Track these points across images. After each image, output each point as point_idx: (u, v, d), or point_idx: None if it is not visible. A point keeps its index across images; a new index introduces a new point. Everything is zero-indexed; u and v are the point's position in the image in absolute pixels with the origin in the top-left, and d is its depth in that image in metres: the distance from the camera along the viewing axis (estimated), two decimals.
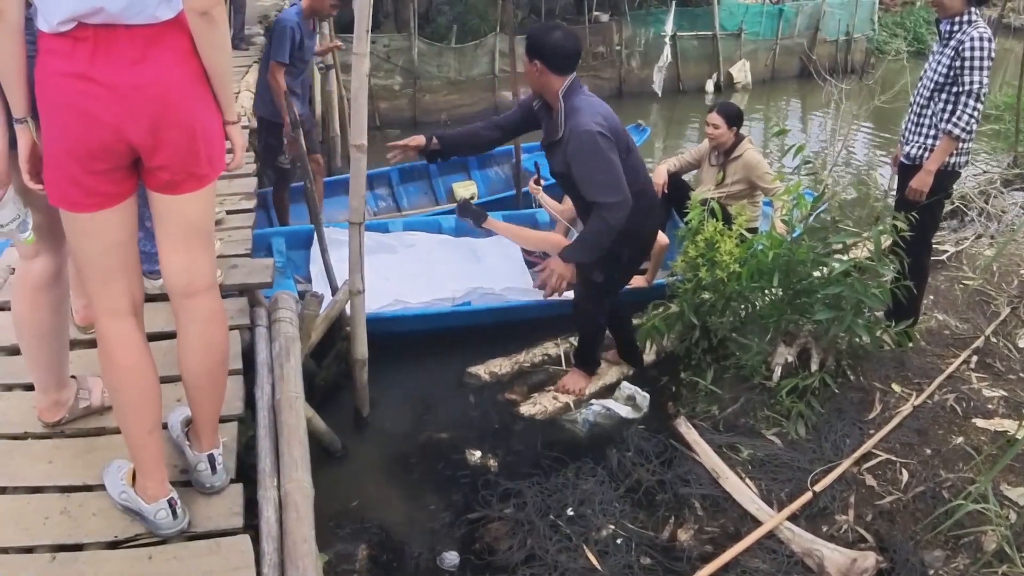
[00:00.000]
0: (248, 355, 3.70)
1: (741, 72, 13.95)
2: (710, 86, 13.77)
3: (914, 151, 4.87)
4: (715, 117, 6.01)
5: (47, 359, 2.94)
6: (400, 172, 7.93)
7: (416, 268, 5.88)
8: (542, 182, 5.97)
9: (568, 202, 5.90)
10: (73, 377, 3.10)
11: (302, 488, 2.94)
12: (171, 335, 3.36)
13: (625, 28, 13.14)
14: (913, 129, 4.89)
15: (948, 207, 8.25)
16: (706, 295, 5.00)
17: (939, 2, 4.62)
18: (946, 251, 6.90)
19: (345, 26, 7.70)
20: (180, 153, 2.39)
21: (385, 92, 10.79)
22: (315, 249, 5.69)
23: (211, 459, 2.80)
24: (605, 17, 13.34)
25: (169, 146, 2.35)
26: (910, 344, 5.07)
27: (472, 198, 7.91)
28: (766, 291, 4.93)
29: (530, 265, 6.14)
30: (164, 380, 2.70)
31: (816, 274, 4.74)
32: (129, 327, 2.56)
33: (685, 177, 6.58)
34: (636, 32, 13.16)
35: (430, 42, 11.19)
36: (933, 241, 5.45)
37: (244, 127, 5.64)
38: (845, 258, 4.96)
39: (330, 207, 7.20)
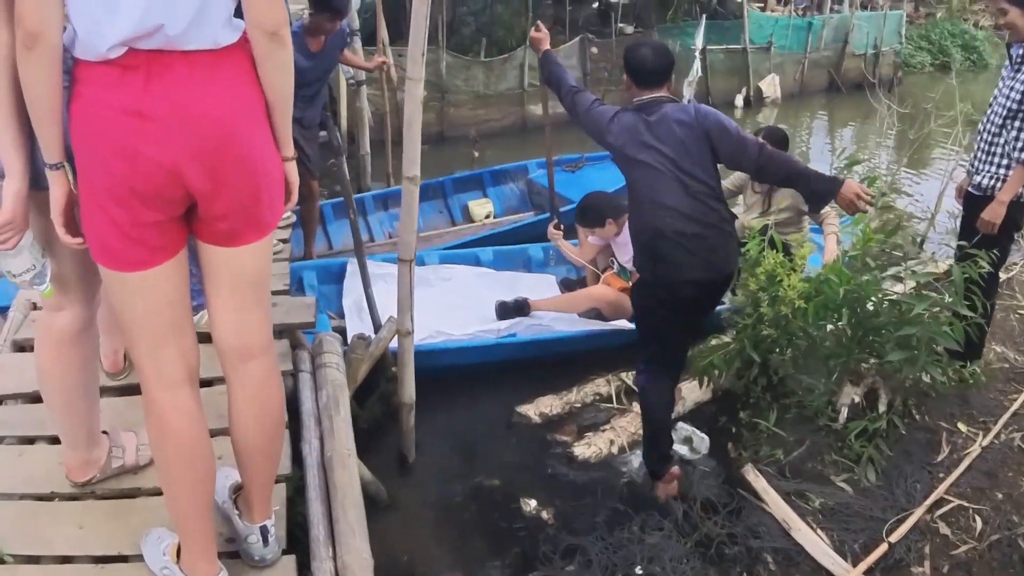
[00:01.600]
0: (291, 403, 3.43)
1: (770, 86, 13.67)
2: (739, 100, 13.50)
3: (985, 181, 4.61)
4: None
5: (75, 416, 2.66)
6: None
7: (454, 302, 5.65)
8: (561, 228, 5.80)
9: (587, 244, 5.82)
10: (104, 432, 2.82)
11: (361, 559, 2.71)
12: (212, 382, 3.11)
13: (652, 40, 12.81)
14: (983, 158, 4.63)
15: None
16: (767, 330, 4.70)
17: (1012, 24, 4.39)
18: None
19: (366, 39, 7.47)
20: (243, 198, 2.13)
21: None
22: (348, 283, 5.48)
23: (263, 531, 2.54)
24: (630, 29, 13.08)
25: (231, 190, 2.09)
26: (971, 380, 4.84)
27: (488, 216, 7.72)
28: (832, 328, 4.64)
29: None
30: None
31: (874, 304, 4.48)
32: (185, 397, 2.30)
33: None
34: (664, 44, 12.83)
35: (458, 56, 10.91)
36: None
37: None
38: (906, 289, 4.67)
39: (345, 226, 6.92)
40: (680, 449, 4.55)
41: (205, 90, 1.99)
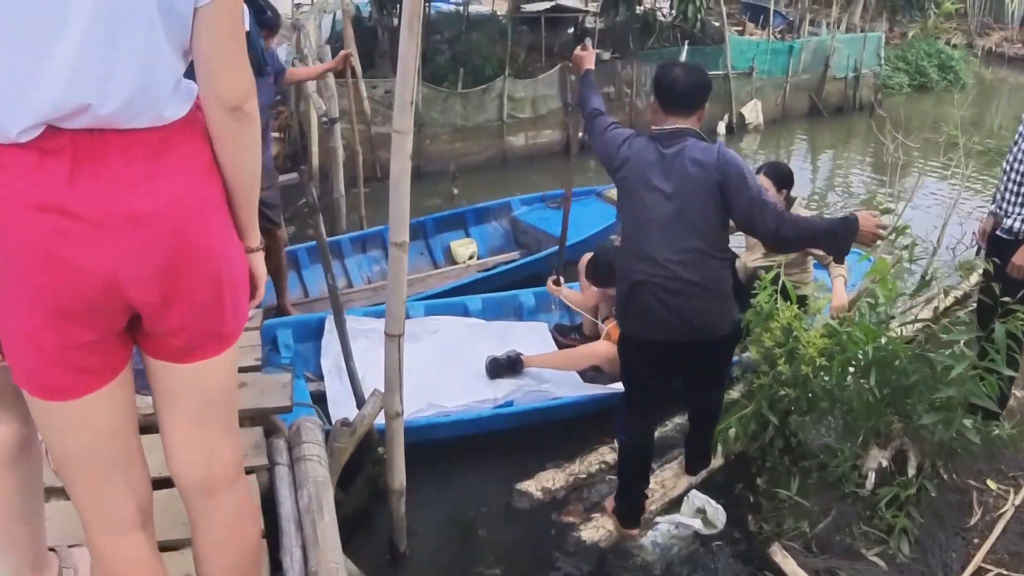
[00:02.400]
0: (266, 502, 3.02)
1: (752, 112, 13.37)
2: (722, 128, 13.18)
3: (1017, 224, 4.34)
4: (762, 179, 5.40)
5: (15, 546, 2.20)
6: None
7: (444, 358, 5.26)
8: (561, 281, 5.51)
9: (589, 291, 5.49)
10: (52, 550, 2.38)
11: None
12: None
13: (630, 67, 12.53)
14: (1013, 200, 4.37)
15: None
16: (784, 390, 4.35)
17: None
18: None
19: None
20: (200, 308, 1.74)
21: (386, 140, 9.89)
22: (327, 341, 5.08)
23: None
24: (607, 55, 12.72)
25: (185, 300, 1.70)
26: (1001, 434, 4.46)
27: (472, 256, 7.31)
28: (856, 388, 4.29)
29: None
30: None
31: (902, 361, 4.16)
32: (136, 544, 1.89)
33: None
34: (643, 72, 12.55)
35: (435, 87, 10.46)
36: None
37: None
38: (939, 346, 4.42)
39: (320, 272, 6.36)
40: (693, 522, 4.19)
41: (149, 179, 1.60)
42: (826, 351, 4.22)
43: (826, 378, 4.23)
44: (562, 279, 5.51)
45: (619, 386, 4.88)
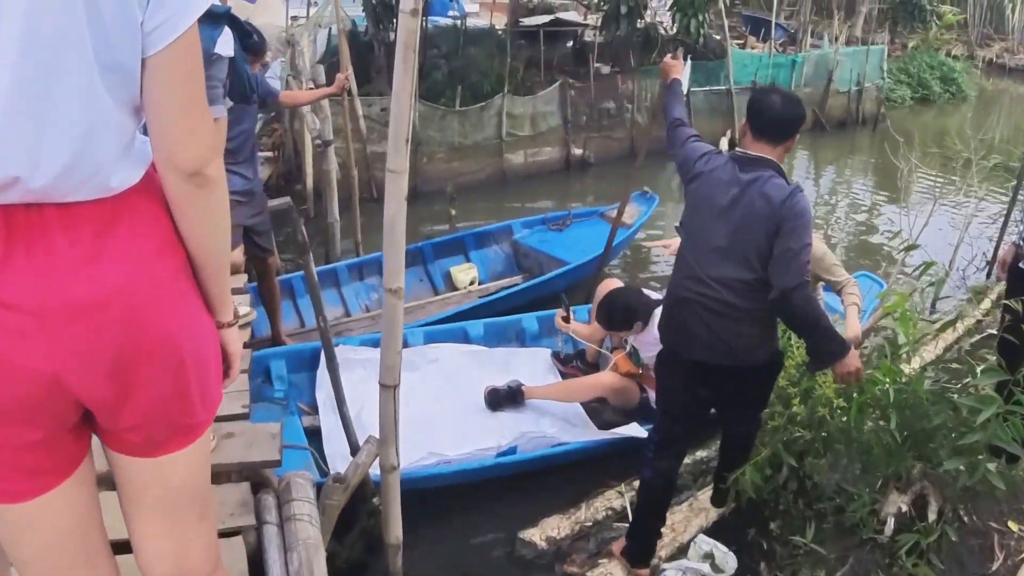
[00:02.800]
0: (253, 565, 2.81)
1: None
2: (724, 144, 12.93)
3: None
4: None
5: None
6: None
7: (444, 388, 5.08)
8: (571, 316, 5.29)
9: (596, 325, 5.26)
10: None
11: None
12: None
13: (631, 82, 12.36)
14: None
15: None
16: (800, 431, 4.18)
17: None
18: None
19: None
20: (162, 402, 1.53)
21: (382, 159, 9.67)
22: (322, 373, 4.86)
23: None
24: (606, 69, 12.55)
25: (143, 395, 1.49)
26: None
27: (473, 282, 7.09)
28: (876, 430, 4.08)
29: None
30: None
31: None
32: None
33: None
34: (644, 87, 12.38)
35: (432, 105, 10.25)
36: None
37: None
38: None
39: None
40: (701, 567, 3.98)
41: (95, 260, 1.39)
42: (843, 391, 4.04)
43: (843, 419, 4.05)
44: (572, 313, 5.30)
45: (626, 429, 4.74)
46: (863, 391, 4.00)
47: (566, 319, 5.25)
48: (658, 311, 4.73)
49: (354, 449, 3.70)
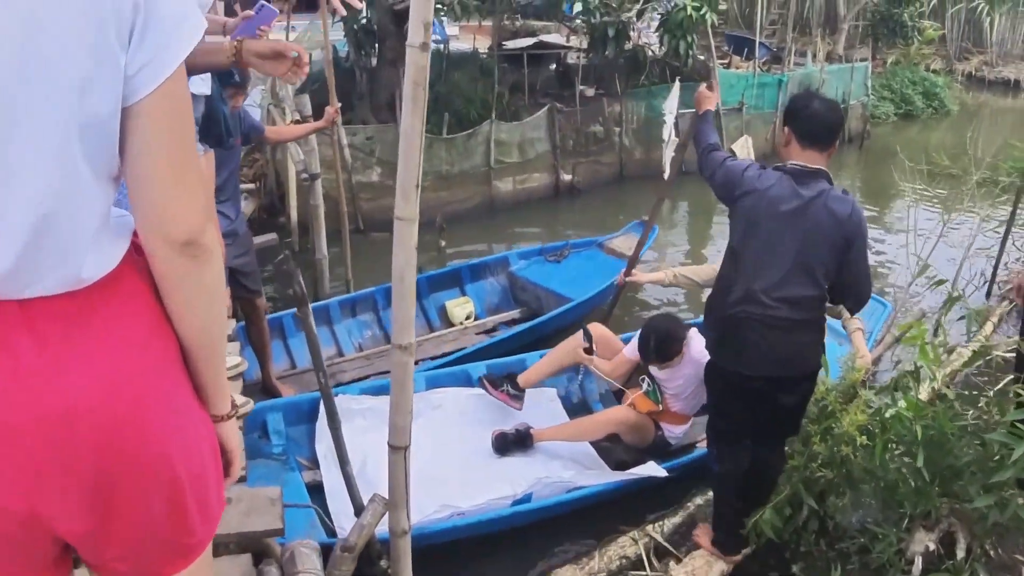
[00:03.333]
0: None
1: (744, 148, 12.99)
2: None
3: None
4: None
5: None
6: (385, 293, 6.73)
7: (450, 435, 4.87)
8: (594, 350, 5.06)
9: (623, 359, 5.13)
10: None
11: None
12: None
13: (618, 105, 12.23)
14: None
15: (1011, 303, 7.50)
16: (821, 471, 4.02)
17: None
18: None
19: (316, 113, 6.64)
20: (152, 526, 1.32)
21: (368, 189, 9.59)
22: (321, 425, 4.64)
23: None
24: (591, 92, 12.41)
25: (130, 521, 1.29)
26: None
27: (469, 317, 6.87)
28: (901, 468, 3.92)
29: None
30: None
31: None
32: None
33: None
34: (631, 109, 12.25)
35: None
36: None
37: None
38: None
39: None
40: None
41: (66, 365, 1.17)
42: (866, 428, 3.89)
43: (867, 456, 3.88)
44: (595, 348, 5.07)
45: (643, 469, 4.58)
46: (886, 428, 3.85)
47: (588, 351, 5.04)
48: (693, 338, 4.76)
49: (358, 509, 3.48)
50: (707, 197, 11.53)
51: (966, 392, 4.65)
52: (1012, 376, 4.47)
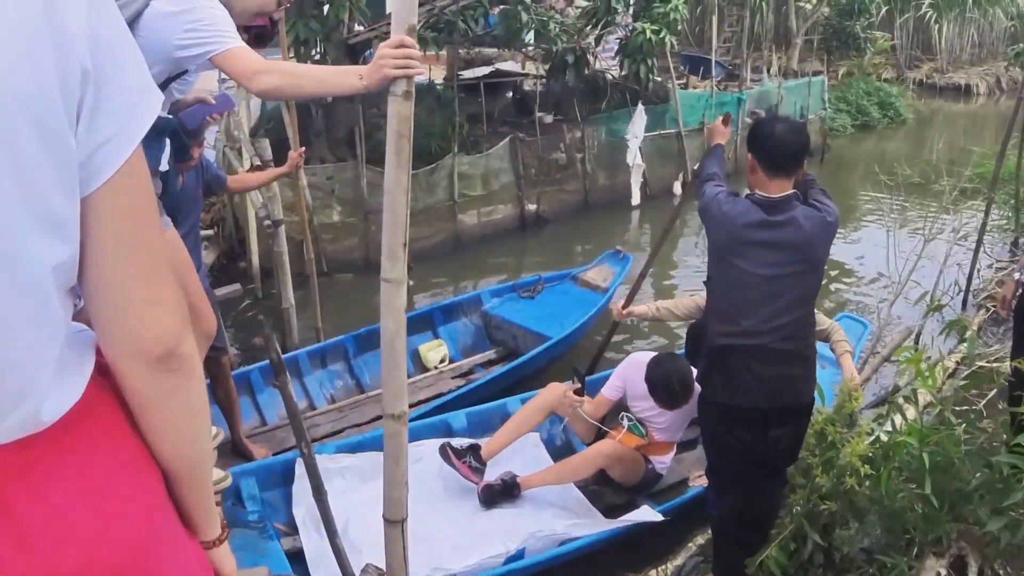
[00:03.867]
0: None
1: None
2: (678, 187, 12.80)
3: None
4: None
5: None
6: (356, 340, 6.51)
7: (433, 490, 4.66)
8: (584, 392, 4.92)
9: (602, 400, 4.99)
10: None
11: None
12: None
13: (579, 131, 12.11)
14: None
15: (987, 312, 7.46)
16: (825, 504, 3.83)
17: None
18: None
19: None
20: None
21: (330, 230, 9.43)
22: (298, 488, 4.44)
23: None
24: (549, 118, 12.26)
25: None
26: None
27: (443, 360, 6.66)
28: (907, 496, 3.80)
29: None
30: None
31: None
32: None
33: None
34: (592, 135, 12.16)
35: (378, 170, 9.80)
36: None
37: None
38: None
39: (276, 394, 5.82)
40: None
41: (26, 541, 0.96)
42: (869, 458, 3.75)
43: (871, 486, 3.78)
44: (584, 389, 4.91)
45: (639, 515, 4.42)
46: (889, 459, 3.76)
47: (579, 393, 4.85)
48: None
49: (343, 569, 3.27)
50: (660, 224, 11.52)
51: (956, 408, 4.50)
52: (1009, 396, 4.35)
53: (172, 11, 2.54)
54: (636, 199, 12.05)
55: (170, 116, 2.90)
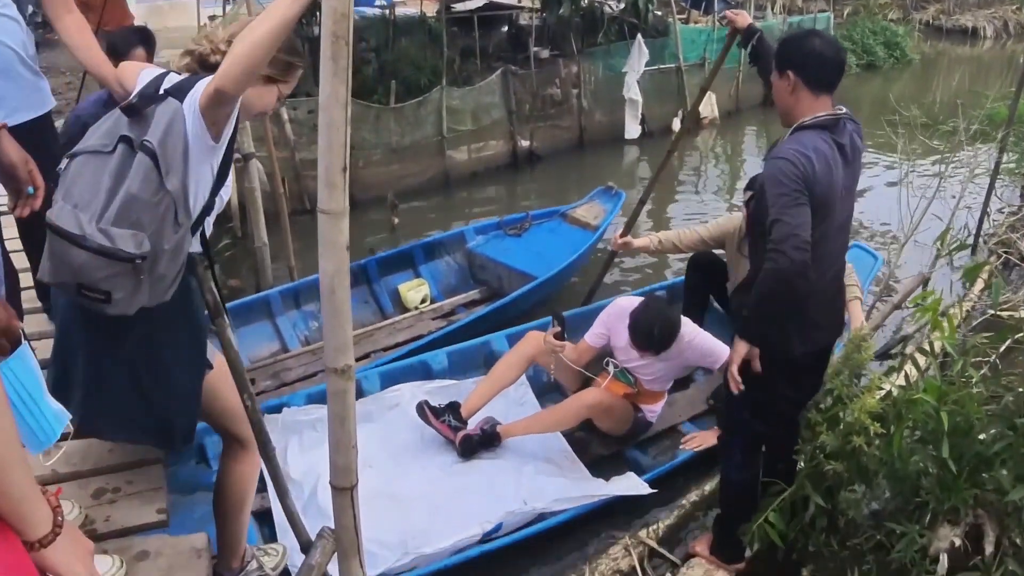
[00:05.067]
0: None
1: (707, 106, 12.57)
2: (676, 124, 12.38)
3: None
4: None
5: None
6: None
7: (407, 442, 4.38)
8: (565, 337, 4.58)
9: (585, 347, 4.68)
10: None
11: None
12: None
13: (575, 66, 11.69)
14: None
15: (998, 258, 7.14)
16: (830, 464, 3.56)
17: None
18: None
19: None
20: None
21: (313, 166, 8.81)
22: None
23: None
24: (545, 53, 11.85)
25: None
26: None
27: (424, 301, 6.36)
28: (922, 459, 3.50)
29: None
30: None
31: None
32: None
33: None
34: (588, 70, 11.75)
35: (365, 103, 9.41)
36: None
37: None
38: None
39: (246, 336, 5.65)
40: None
41: None
42: (880, 415, 3.46)
43: (882, 447, 3.50)
44: (565, 334, 4.59)
45: (624, 485, 4.15)
46: (902, 417, 3.45)
47: (560, 337, 4.54)
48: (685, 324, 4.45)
49: (304, 546, 2.95)
50: (656, 160, 11.20)
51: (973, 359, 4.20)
52: None
53: None
54: (632, 133, 11.75)
55: None
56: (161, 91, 2.31)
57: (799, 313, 3.18)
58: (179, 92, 2.31)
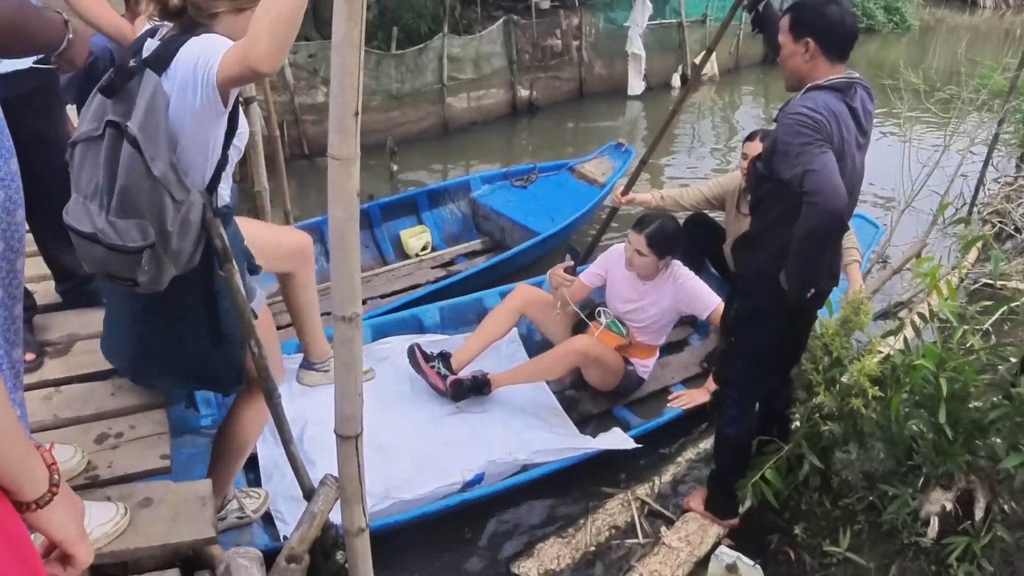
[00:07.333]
0: None
1: (707, 63, 12.49)
2: (676, 80, 12.34)
3: None
4: (754, 146, 4.61)
5: None
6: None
7: (397, 393, 4.39)
8: (575, 273, 4.59)
9: (578, 283, 4.66)
10: None
11: None
12: None
13: (576, 17, 11.60)
14: None
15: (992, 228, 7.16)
16: (826, 425, 3.62)
17: None
18: None
19: None
20: None
21: (312, 111, 8.93)
22: None
23: None
24: (546, 4, 11.74)
25: None
26: None
27: (425, 248, 6.35)
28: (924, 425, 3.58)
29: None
30: None
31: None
32: None
33: None
34: (590, 22, 11.66)
35: (366, 49, 9.28)
36: None
37: None
38: None
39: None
40: None
41: None
42: (878, 378, 3.49)
43: (883, 415, 3.54)
44: (575, 269, 4.62)
45: (610, 440, 4.12)
46: (900, 382, 3.51)
47: (570, 271, 4.55)
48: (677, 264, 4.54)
49: (308, 493, 2.96)
50: (655, 116, 11.16)
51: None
52: None
53: None
54: (636, 89, 11.72)
55: None
56: (135, 62, 2.27)
57: (833, 253, 3.36)
58: (157, 62, 2.25)
